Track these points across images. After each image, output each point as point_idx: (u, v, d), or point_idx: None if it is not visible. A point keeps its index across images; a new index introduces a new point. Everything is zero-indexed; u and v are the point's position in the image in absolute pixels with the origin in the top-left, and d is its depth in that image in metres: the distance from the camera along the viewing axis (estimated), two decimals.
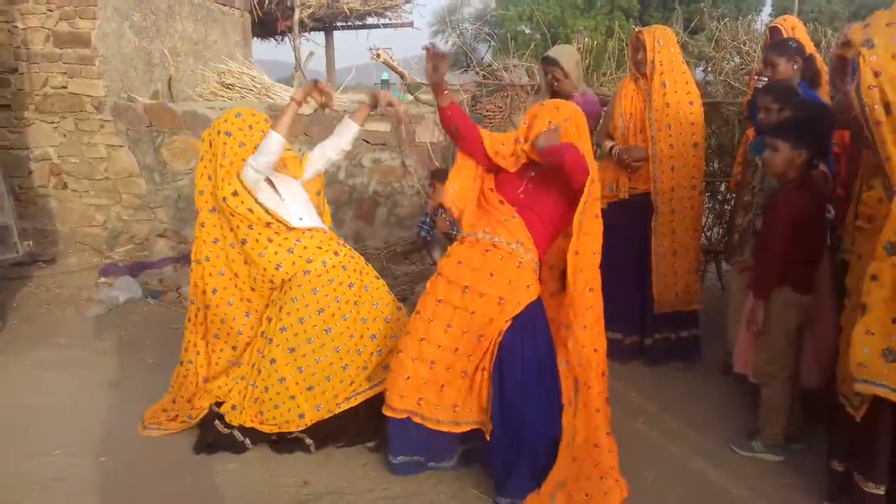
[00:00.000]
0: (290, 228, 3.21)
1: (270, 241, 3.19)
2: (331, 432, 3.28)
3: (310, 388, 3.21)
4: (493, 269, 2.89)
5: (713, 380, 4.10)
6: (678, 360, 4.28)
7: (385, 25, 12.22)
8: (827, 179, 3.30)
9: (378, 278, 3.47)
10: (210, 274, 3.32)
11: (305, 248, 3.21)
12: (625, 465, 3.07)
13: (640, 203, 4.17)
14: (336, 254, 3.27)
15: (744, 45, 5.65)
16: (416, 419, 2.93)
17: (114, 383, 4.07)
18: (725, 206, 5.48)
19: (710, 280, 5.65)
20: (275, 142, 3.11)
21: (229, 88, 7.41)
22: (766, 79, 4.20)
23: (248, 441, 3.27)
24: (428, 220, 4.88)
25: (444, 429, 2.94)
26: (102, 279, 5.85)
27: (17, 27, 6.34)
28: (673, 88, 4.11)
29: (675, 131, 4.11)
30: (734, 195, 4.91)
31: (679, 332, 4.28)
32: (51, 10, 6.31)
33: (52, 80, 6.41)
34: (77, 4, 6.28)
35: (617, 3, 27.08)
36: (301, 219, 3.26)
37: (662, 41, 4.13)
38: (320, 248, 3.24)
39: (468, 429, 2.95)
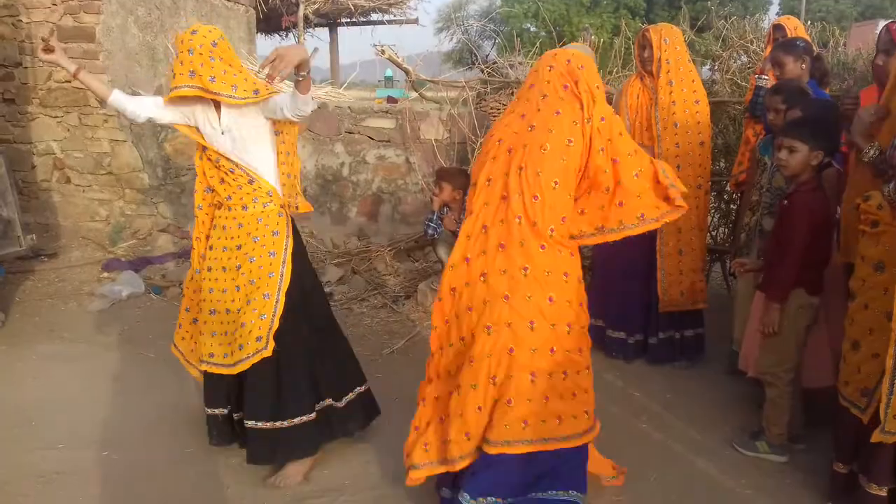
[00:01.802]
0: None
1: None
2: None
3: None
4: None
5: (717, 379, 4.08)
6: (683, 359, 4.27)
7: (390, 22, 12.21)
8: (840, 177, 3.28)
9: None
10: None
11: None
12: (628, 463, 3.05)
13: None
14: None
15: (751, 44, 5.63)
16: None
17: (116, 377, 4.07)
18: (731, 206, 5.46)
19: (715, 279, 5.63)
20: None
21: None
22: (766, 77, 4.19)
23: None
24: (435, 217, 4.87)
25: None
26: (105, 274, 5.84)
27: (21, 21, 6.34)
28: (679, 87, 4.09)
29: (681, 130, 4.09)
30: (739, 195, 4.90)
31: (684, 332, 4.26)
32: (55, 5, 6.30)
33: (56, 74, 6.41)
34: None
35: (623, 2, 27.08)
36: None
37: (669, 39, 4.11)
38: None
39: None
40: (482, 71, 6.43)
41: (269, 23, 11.08)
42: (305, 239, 6.04)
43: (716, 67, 5.88)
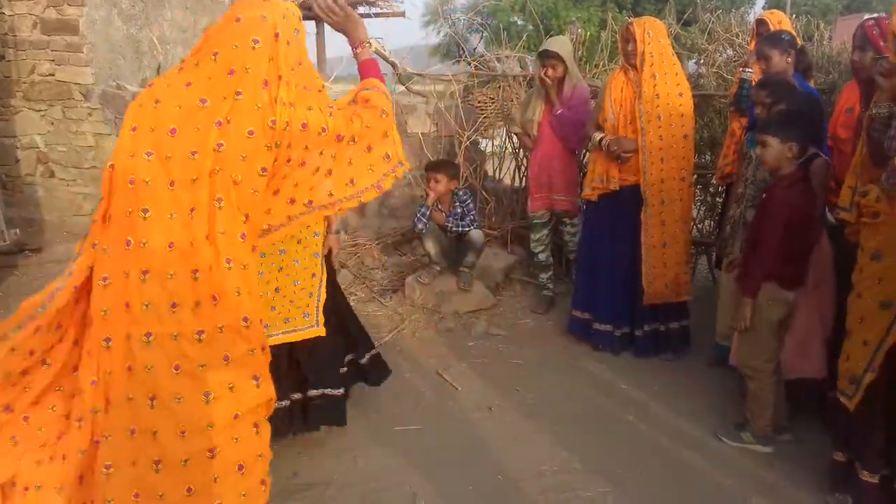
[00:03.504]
0: None
1: None
2: None
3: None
4: None
5: (703, 371, 4.11)
6: (668, 351, 4.29)
7: (376, 15, 12.14)
8: (828, 168, 3.29)
9: None
10: None
11: None
12: (614, 455, 3.07)
13: (631, 194, 4.16)
14: None
15: (736, 38, 5.65)
16: None
17: None
18: (717, 199, 5.49)
19: (701, 272, 5.66)
20: None
21: None
22: (750, 70, 4.21)
23: None
24: (425, 211, 4.88)
25: None
26: None
27: (3, 14, 6.26)
28: (663, 80, 4.10)
29: (665, 123, 4.10)
30: (724, 187, 4.92)
31: (669, 324, 4.28)
32: None
33: (39, 67, 6.34)
34: None
35: None
36: None
37: (652, 32, 4.11)
38: None
39: None
40: (469, 64, 6.43)
41: None
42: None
43: (701, 61, 5.90)
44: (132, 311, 1.94)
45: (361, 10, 12.11)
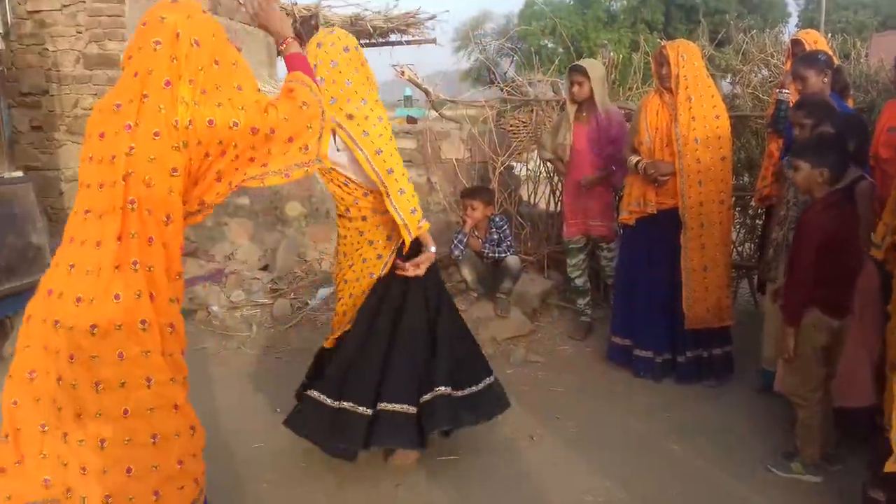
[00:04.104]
0: None
1: None
2: None
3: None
4: None
5: (748, 398, 4.03)
6: (711, 378, 4.21)
7: (408, 42, 12.28)
8: (874, 190, 3.23)
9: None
10: None
11: None
12: (658, 484, 3.01)
13: (669, 218, 4.14)
14: None
15: (771, 58, 5.60)
16: None
17: None
18: (757, 221, 5.41)
19: (742, 296, 5.57)
20: None
21: None
22: (787, 91, 4.17)
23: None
24: (463, 238, 4.90)
25: None
26: None
27: (47, 50, 6.45)
28: (699, 102, 4.08)
29: (703, 145, 4.07)
30: (763, 210, 4.86)
31: (712, 350, 4.21)
32: (80, 33, 6.42)
33: (82, 101, 6.51)
34: (106, 26, 6.38)
35: (641, 16, 27.06)
36: None
37: (686, 55, 4.10)
38: None
39: None
40: (501, 89, 6.46)
41: None
42: (329, 260, 6.10)
43: (737, 81, 5.85)
44: (50, 298, 2.03)
45: (393, 37, 12.28)
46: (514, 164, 6.23)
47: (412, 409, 3.07)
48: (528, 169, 6.36)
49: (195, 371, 4.36)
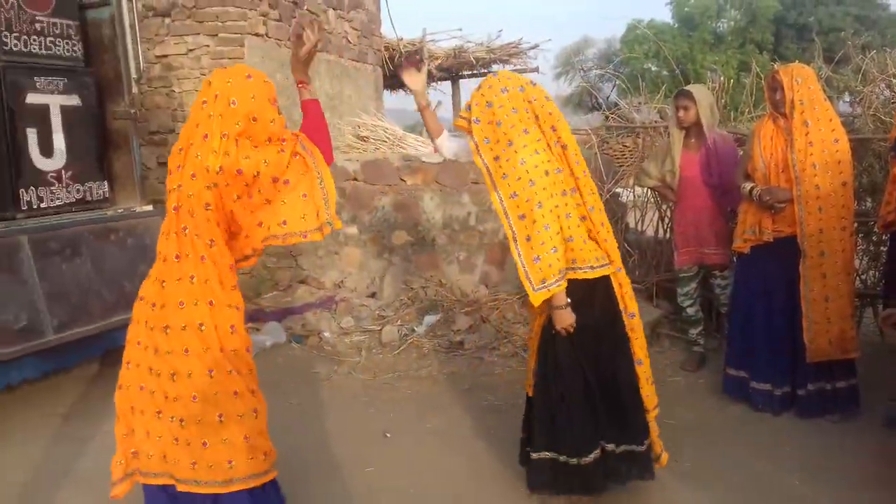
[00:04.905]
0: None
1: None
2: None
3: None
4: None
5: (876, 434, 3.81)
6: (835, 412, 4.01)
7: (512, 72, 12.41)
8: None
9: None
10: None
11: None
12: None
13: (787, 246, 3.99)
14: None
15: (894, 78, 5.33)
16: None
17: None
18: (881, 248, 5.14)
19: (867, 325, 5.29)
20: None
21: (364, 140, 7.72)
22: None
23: None
24: None
25: None
26: (250, 324, 6.18)
27: (174, 91, 6.92)
28: (816, 127, 3.94)
29: (821, 171, 3.92)
30: (889, 236, 4.61)
31: (835, 383, 4.01)
32: (203, 75, 6.84)
33: None
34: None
35: (749, 37, 26.23)
36: None
37: (801, 79, 3.98)
38: None
39: None
40: (605, 117, 6.42)
41: (395, 80, 11.53)
42: (435, 288, 6.20)
43: (857, 101, 5.60)
44: (140, 303, 2.55)
45: (496, 67, 12.44)
46: (620, 190, 6.18)
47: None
48: (634, 195, 6.29)
49: (308, 394, 4.55)
